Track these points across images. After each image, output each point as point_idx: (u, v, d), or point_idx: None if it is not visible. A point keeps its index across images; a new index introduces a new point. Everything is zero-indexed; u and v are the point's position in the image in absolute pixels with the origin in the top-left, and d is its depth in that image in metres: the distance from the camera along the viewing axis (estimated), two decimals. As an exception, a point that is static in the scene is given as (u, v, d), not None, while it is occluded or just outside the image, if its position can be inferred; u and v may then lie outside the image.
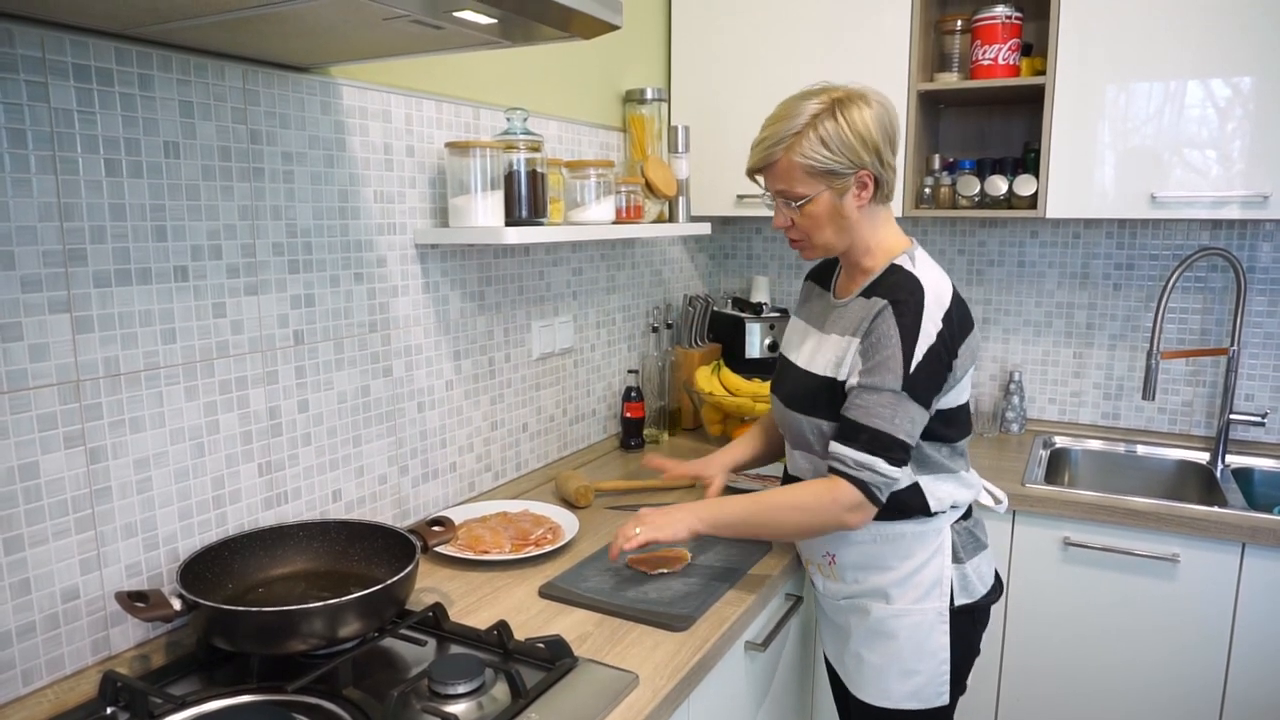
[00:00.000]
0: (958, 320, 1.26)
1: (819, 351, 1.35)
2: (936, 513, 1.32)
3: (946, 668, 1.35)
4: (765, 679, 1.54)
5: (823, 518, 1.26)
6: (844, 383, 1.28)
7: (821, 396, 1.31)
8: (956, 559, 1.34)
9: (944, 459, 1.33)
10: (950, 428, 1.32)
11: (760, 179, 1.35)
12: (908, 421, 1.23)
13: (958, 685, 1.40)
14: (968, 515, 1.39)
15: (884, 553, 1.34)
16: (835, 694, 1.65)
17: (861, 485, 1.23)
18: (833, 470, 1.26)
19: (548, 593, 1.35)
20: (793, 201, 1.29)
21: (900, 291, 1.26)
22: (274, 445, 1.34)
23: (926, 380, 1.23)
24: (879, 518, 1.30)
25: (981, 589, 1.37)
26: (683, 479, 1.67)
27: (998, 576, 1.44)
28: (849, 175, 1.26)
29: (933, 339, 1.23)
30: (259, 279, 1.29)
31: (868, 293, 1.31)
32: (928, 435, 1.29)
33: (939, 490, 1.32)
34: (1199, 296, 2.21)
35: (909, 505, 1.31)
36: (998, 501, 1.48)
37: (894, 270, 1.30)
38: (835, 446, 1.26)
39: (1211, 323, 2.21)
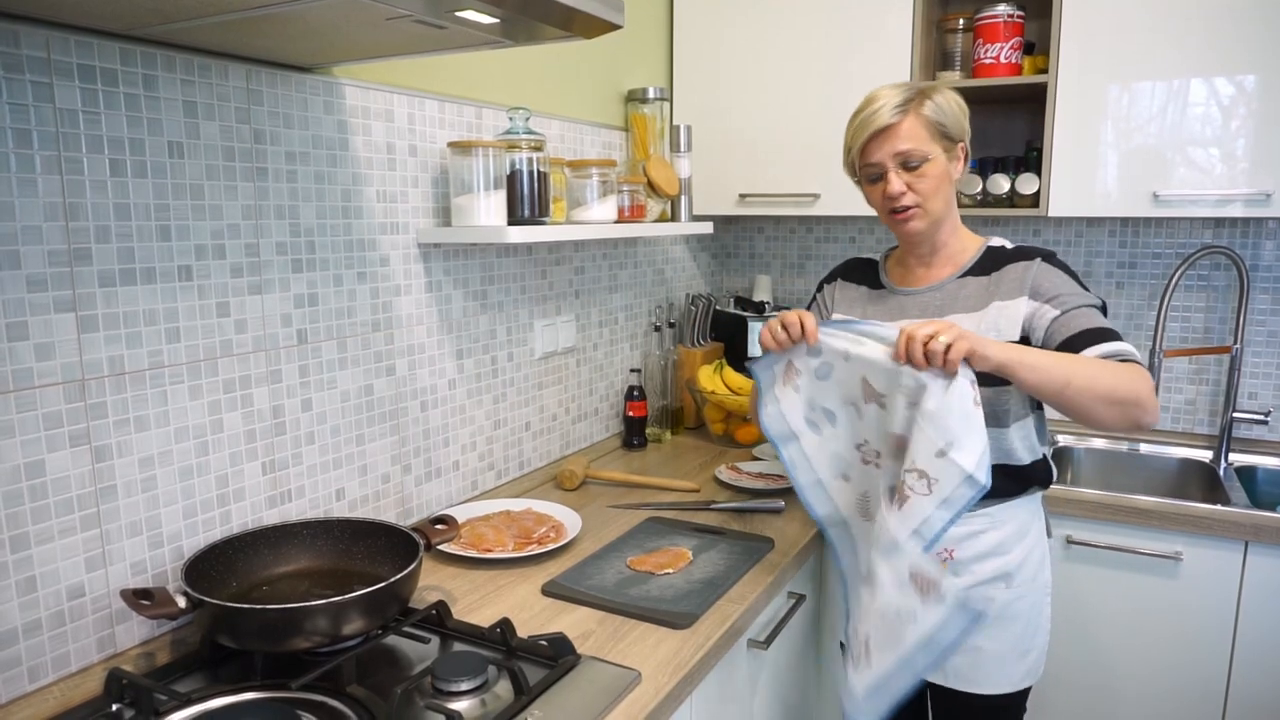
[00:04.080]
0: None
1: (977, 329, 1.31)
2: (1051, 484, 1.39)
3: (1048, 637, 1.41)
4: (768, 677, 1.54)
5: (1136, 389, 1.17)
6: (1028, 339, 1.30)
7: None
8: (1048, 532, 1.42)
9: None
10: None
11: (874, 152, 1.32)
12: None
13: None
14: None
15: (1004, 537, 1.36)
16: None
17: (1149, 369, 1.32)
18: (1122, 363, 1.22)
19: (550, 591, 1.35)
20: (914, 161, 1.30)
21: (1036, 253, 1.34)
22: (278, 444, 1.34)
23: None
24: (995, 499, 1.31)
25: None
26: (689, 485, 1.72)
27: None
28: (956, 144, 1.34)
29: None
30: (262, 278, 1.29)
31: (979, 270, 1.37)
32: (1038, 404, 1.35)
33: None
34: (1202, 295, 2.21)
35: (1039, 475, 1.36)
36: None
37: (1001, 248, 1.38)
38: (1104, 347, 1.22)
39: (1215, 321, 2.21)
